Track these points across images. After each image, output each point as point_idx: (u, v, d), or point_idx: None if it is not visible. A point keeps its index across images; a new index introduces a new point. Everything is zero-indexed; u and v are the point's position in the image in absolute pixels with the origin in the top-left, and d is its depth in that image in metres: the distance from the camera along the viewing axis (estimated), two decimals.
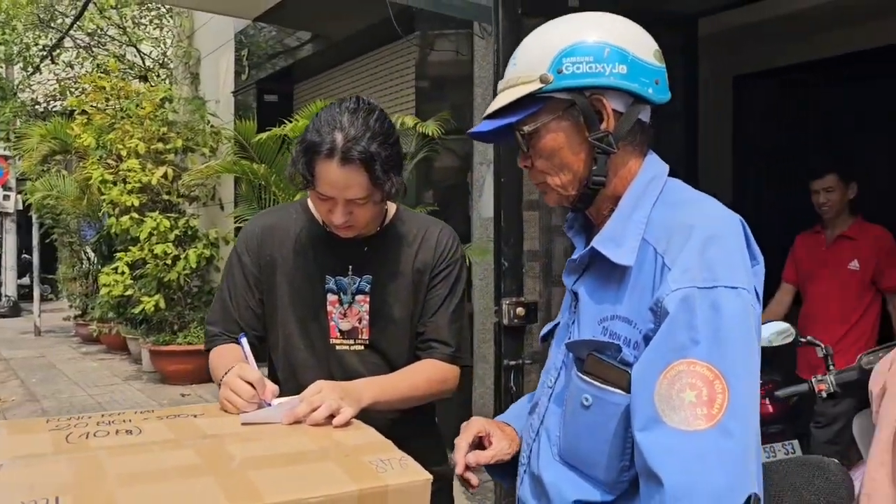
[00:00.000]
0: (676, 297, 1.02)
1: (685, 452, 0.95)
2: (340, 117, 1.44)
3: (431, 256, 1.65)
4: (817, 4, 4.37)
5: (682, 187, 1.19)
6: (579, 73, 1.11)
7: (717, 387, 0.96)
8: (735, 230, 1.08)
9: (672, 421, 0.97)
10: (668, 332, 1.01)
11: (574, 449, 1.15)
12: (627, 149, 1.17)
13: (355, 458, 1.16)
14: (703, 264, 1.03)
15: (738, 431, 0.96)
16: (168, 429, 1.24)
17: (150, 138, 7.28)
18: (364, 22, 5.66)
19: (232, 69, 8.10)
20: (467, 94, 4.76)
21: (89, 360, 8.84)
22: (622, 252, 1.11)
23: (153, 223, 6.87)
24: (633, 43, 1.13)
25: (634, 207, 1.14)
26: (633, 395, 1.03)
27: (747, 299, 1.03)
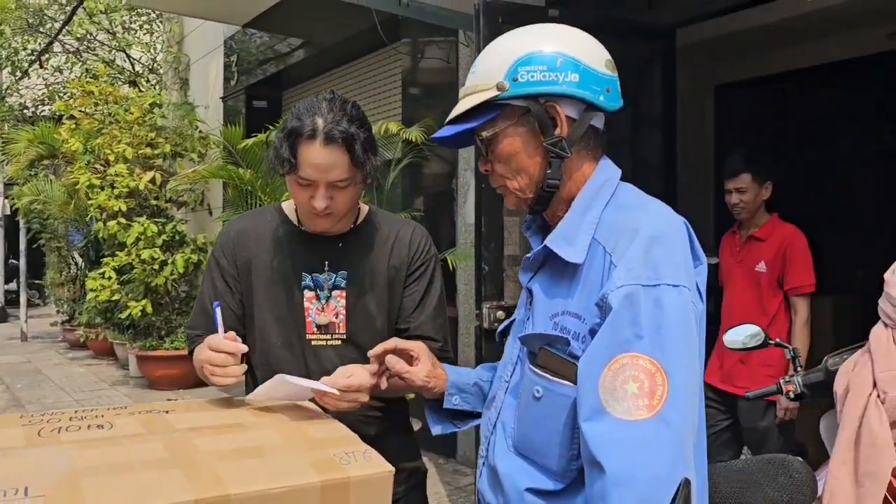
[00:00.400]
0: (620, 294, 1.07)
1: (627, 441, 1.00)
2: (319, 105, 1.53)
3: (406, 255, 1.72)
4: (796, 15, 4.45)
5: (633, 191, 1.25)
6: (533, 81, 1.17)
7: (658, 379, 1.02)
8: (678, 232, 1.14)
9: (615, 411, 1.01)
10: (612, 327, 1.06)
11: (527, 439, 1.20)
12: (581, 153, 1.23)
13: (320, 451, 1.20)
14: (647, 263, 1.08)
15: (676, 421, 1.01)
16: (139, 423, 1.28)
17: (139, 143, 7.29)
18: (351, 29, 5.72)
19: (221, 75, 8.13)
20: (452, 102, 4.76)
21: (76, 366, 8.82)
22: (574, 251, 1.17)
23: (140, 228, 6.88)
24: (586, 53, 1.19)
25: (587, 209, 1.20)
26: (579, 387, 1.08)
27: (688, 297, 1.08)
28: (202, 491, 1.02)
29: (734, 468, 1.95)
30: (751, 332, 2.87)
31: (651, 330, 1.04)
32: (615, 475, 0.99)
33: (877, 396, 2.06)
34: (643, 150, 3.73)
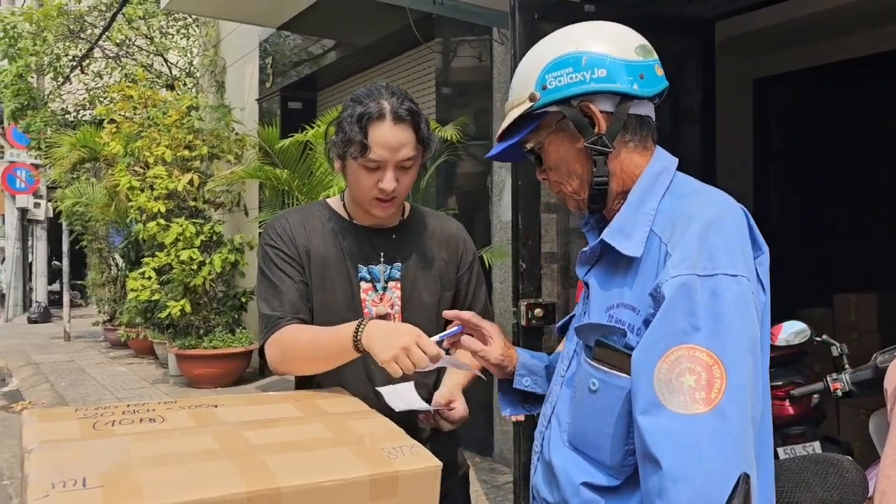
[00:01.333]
0: (675, 284, 1.05)
1: (683, 435, 0.98)
2: (378, 90, 1.60)
3: (456, 249, 1.79)
4: (838, 6, 4.36)
5: (690, 180, 1.23)
6: (562, 86, 1.19)
7: (716, 372, 1.00)
8: (736, 219, 1.12)
9: (671, 405, 1.00)
10: (667, 318, 1.05)
11: (582, 433, 1.19)
12: (629, 145, 1.22)
13: (369, 445, 1.21)
14: (703, 252, 1.06)
15: (734, 415, 0.99)
16: (189, 417, 1.30)
17: (177, 146, 7.40)
18: (385, 29, 5.74)
19: (256, 77, 8.22)
20: (487, 100, 4.80)
21: (117, 365, 9.00)
22: (631, 244, 1.16)
23: (179, 229, 6.98)
24: (611, 45, 1.19)
25: (643, 200, 1.19)
26: (634, 379, 1.07)
27: (747, 287, 1.05)
28: (254, 483, 1.04)
29: (783, 467, 1.92)
30: (795, 330, 2.82)
31: (708, 321, 1.02)
32: (672, 470, 0.97)
33: None
34: (682, 145, 3.69)
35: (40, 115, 11.16)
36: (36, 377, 8.33)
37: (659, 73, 1.22)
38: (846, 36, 5.10)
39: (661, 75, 1.22)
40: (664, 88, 1.23)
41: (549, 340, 3.52)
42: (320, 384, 1.64)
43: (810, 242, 5.67)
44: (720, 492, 0.95)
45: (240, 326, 7.63)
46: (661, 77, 1.22)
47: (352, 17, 6.14)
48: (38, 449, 1.10)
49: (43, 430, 1.19)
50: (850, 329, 4.39)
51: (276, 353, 1.60)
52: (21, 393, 7.78)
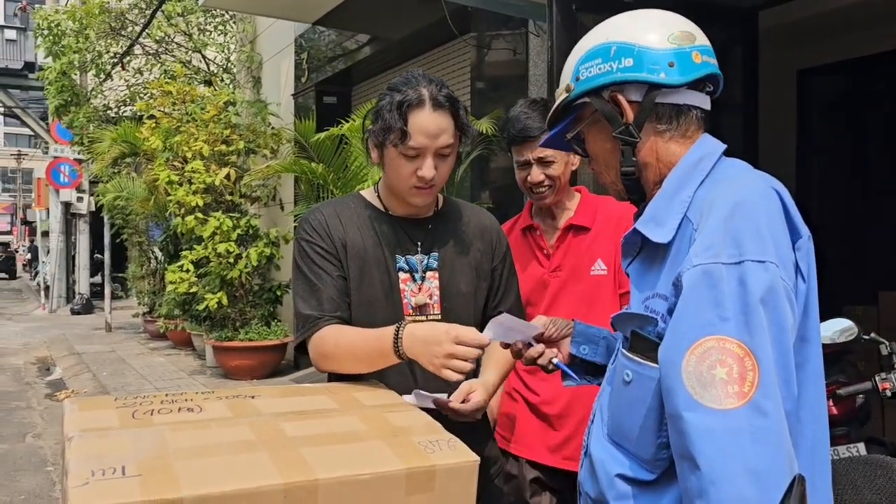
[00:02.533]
0: (697, 272, 1.02)
1: (719, 432, 0.94)
2: (417, 78, 1.60)
3: (490, 241, 1.78)
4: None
5: (735, 165, 1.19)
6: (591, 77, 1.20)
7: (748, 364, 0.96)
8: (766, 200, 1.06)
9: (704, 399, 0.96)
10: (692, 309, 1.01)
11: (618, 425, 1.17)
12: (665, 135, 1.20)
13: (405, 439, 1.20)
14: (727, 237, 1.02)
15: (770, 409, 0.95)
16: (226, 407, 1.30)
17: (214, 141, 7.49)
18: (420, 23, 5.72)
19: (292, 72, 8.27)
20: (522, 93, 4.75)
21: (157, 356, 9.16)
22: (661, 231, 1.14)
23: (216, 223, 7.06)
24: (640, 33, 1.18)
25: (679, 187, 1.16)
26: (662, 374, 1.03)
27: (776, 273, 1.00)
28: (291, 475, 1.03)
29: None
30: (841, 328, 2.74)
31: (737, 311, 0.98)
32: (710, 471, 0.94)
33: None
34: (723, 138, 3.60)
35: (83, 111, 11.40)
36: (78, 367, 8.52)
37: (697, 61, 1.17)
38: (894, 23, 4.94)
39: (702, 62, 1.18)
40: (707, 75, 1.19)
41: None
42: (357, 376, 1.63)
43: (855, 238, 5.52)
44: (764, 493, 0.92)
45: (275, 319, 7.70)
46: (701, 64, 1.18)
47: (386, 11, 6.14)
48: (79, 437, 1.11)
49: (83, 419, 1.21)
50: (882, 326, 4.26)
51: (317, 355, 1.61)
52: (64, 382, 7.97)
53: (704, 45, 1.20)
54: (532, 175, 2.03)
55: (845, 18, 4.83)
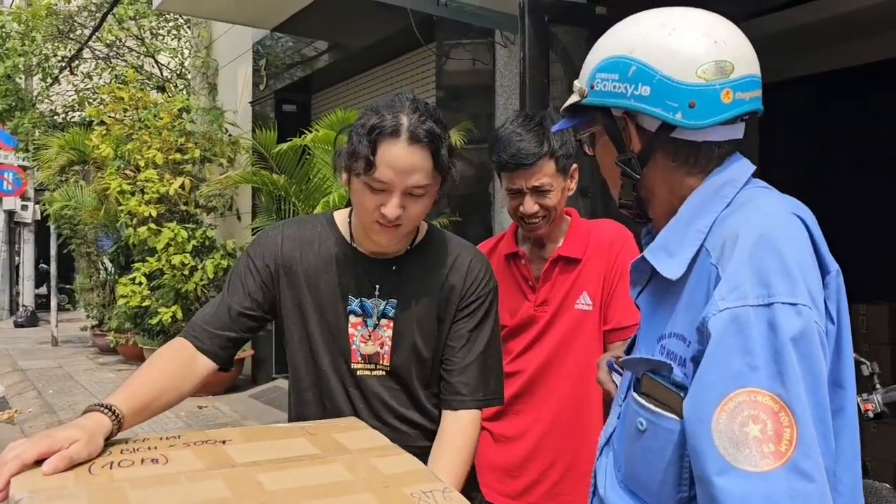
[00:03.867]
0: (724, 318, 0.92)
1: (755, 498, 0.85)
2: (402, 103, 1.39)
3: (461, 287, 1.54)
4: (847, 11, 4.27)
5: (759, 188, 1.07)
6: (605, 92, 1.06)
7: (784, 419, 0.86)
8: (792, 234, 0.96)
9: (736, 461, 0.86)
10: (719, 358, 0.91)
11: (634, 474, 1.08)
12: (680, 170, 1.08)
13: (395, 490, 1.09)
14: (754, 276, 0.92)
15: (812, 470, 0.85)
16: (196, 457, 1.17)
17: (168, 149, 7.28)
18: (384, 31, 5.62)
19: (250, 79, 8.09)
20: (488, 103, 4.70)
21: (106, 371, 8.83)
22: (673, 263, 1.03)
23: (171, 234, 6.86)
24: (666, 58, 1.02)
25: (696, 215, 1.05)
26: (689, 433, 0.93)
27: (810, 316, 0.90)
28: None
29: None
30: None
31: (769, 359, 0.88)
32: None
33: None
34: None
35: (28, 116, 11.02)
36: (23, 384, 8.15)
37: (727, 100, 1.01)
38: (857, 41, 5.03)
39: (734, 101, 1.02)
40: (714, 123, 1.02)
41: None
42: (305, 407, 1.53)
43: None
44: None
45: None
46: (732, 104, 1.02)
47: (349, 19, 6.03)
48: (29, 500, 0.98)
49: (33, 476, 1.06)
50: (862, 341, 4.30)
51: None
52: (7, 401, 7.60)
53: (743, 78, 1.03)
54: (525, 206, 1.81)
55: (805, 36, 4.89)
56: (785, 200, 1.03)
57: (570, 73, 3.44)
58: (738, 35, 1.06)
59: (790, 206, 1.01)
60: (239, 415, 6.47)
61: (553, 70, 3.31)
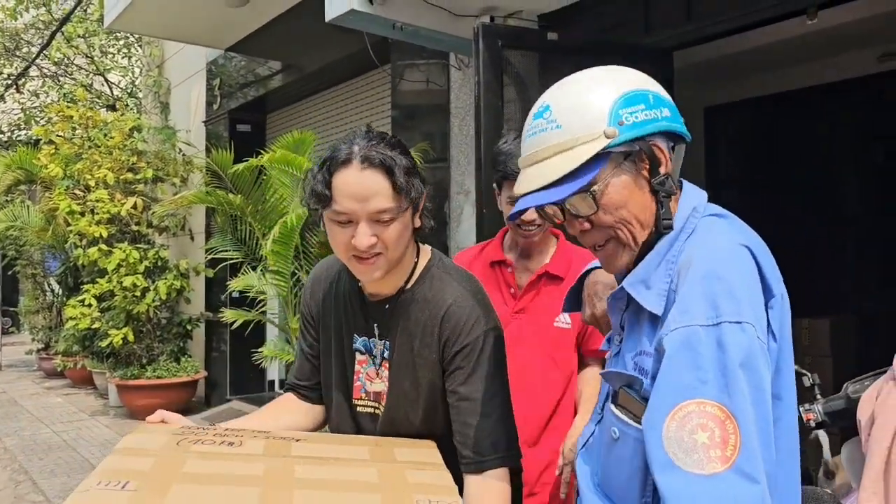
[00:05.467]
0: (676, 337, 1.00)
1: (702, 498, 0.93)
2: (355, 134, 1.40)
3: (450, 338, 1.44)
4: (783, 39, 4.48)
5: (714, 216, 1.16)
6: (639, 122, 1.10)
7: (729, 427, 0.95)
8: (739, 261, 1.05)
9: (686, 465, 0.94)
10: (671, 373, 1.00)
11: (607, 479, 1.16)
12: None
13: (406, 495, 1.15)
14: (704, 300, 1.01)
15: (754, 473, 0.93)
16: (264, 446, 1.31)
17: (119, 168, 7.17)
18: (340, 52, 5.67)
19: (203, 99, 8.03)
20: (444, 124, 4.77)
21: (53, 396, 8.58)
22: (651, 295, 1.11)
23: (122, 254, 6.74)
24: (656, 86, 1.15)
25: (669, 245, 1.13)
26: (646, 439, 1.01)
27: (752, 334, 0.99)
28: None
29: None
30: None
31: (717, 373, 0.97)
32: None
33: None
34: None
35: None
36: None
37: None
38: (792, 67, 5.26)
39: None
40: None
41: None
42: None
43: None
44: None
45: (185, 355, 7.39)
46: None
47: (304, 40, 6.06)
48: (114, 454, 1.22)
49: (133, 440, 1.31)
50: (804, 353, 4.47)
51: None
52: None
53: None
54: (527, 213, 1.81)
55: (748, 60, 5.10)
56: (735, 230, 1.12)
57: (524, 95, 3.52)
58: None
59: (739, 237, 1.10)
60: None
61: (507, 93, 3.39)
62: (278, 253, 4.41)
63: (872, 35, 4.28)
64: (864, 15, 3.91)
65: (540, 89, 1.22)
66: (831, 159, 5.59)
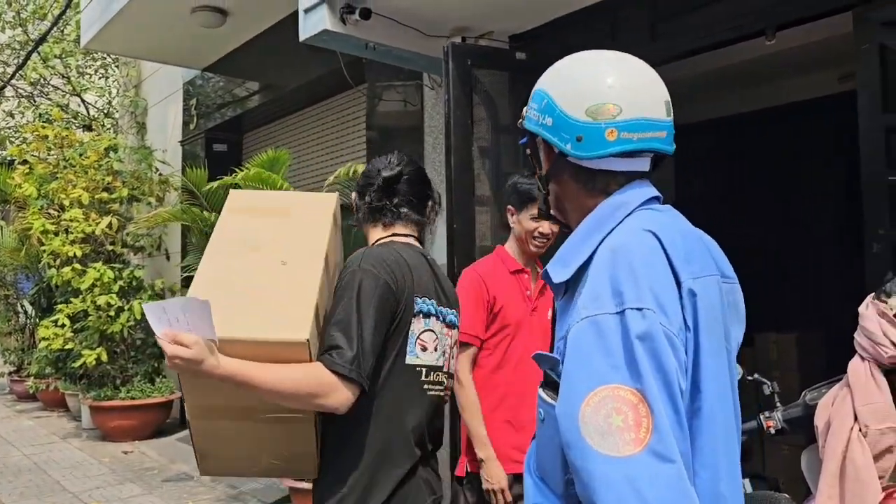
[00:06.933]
0: (584, 325, 1.04)
1: (618, 480, 0.95)
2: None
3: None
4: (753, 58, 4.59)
5: (649, 209, 1.18)
6: (529, 118, 1.24)
7: (642, 410, 0.98)
8: (643, 250, 1.08)
9: (602, 448, 0.97)
10: (581, 360, 1.03)
11: (539, 459, 1.20)
12: (582, 191, 1.22)
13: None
14: (609, 287, 1.04)
15: (667, 453, 0.96)
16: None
17: (95, 188, 7.15)
18: (315, 72, 5.72)
19: (180, 118, 8.05)
20: (417, 143, 4.82)
21: (25, 419, 8.45)
22: (563, 272, 1.16)
23: (96, 274, 6.69)
24: (567, 96, 1.18)
25: (591, 232, 1.17)
26: (561, 429, 1.04)
27: (654, 319, 1.02)
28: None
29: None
30: None
31: (625, 359, 1.00)
32: None
33: (858, 430, 2.08)
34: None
35: None
36: None
37: (610, 138, 1.14)
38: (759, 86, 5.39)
39: (617, 139, 1.14)
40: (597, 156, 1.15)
41: None
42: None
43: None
44: None
45: (160, 375, 7.33)
46: (616, 142, 1.14)
47: (280, 60, 6.11)
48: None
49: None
50: (772, 368, 4.54)
51: None
52: None
53: (630, 121, 1.15)
54: (543, 227, 2.51)
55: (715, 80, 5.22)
56: (651, 219, 1.15)
57: (494, 114, 3.59)
58: (637, 80, 1.19)
59: (650, 224, 1.13)
60: (166, 458, 6.30)
61: (477, 111, 3.46)
62: None
63: (832, 56, 4.41)
64: (822, 37, 4.03)
65: (509, 108, 1.35)
66: (796, 177, 5.72)
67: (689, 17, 3.44)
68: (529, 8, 3.79)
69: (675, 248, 1.09)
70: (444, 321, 1.80)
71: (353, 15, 3.69)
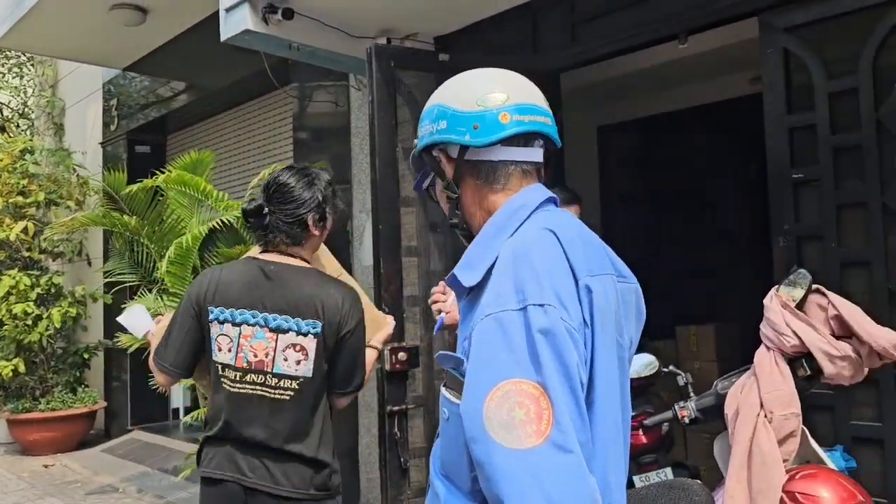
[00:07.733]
0: (488, 322, 1.07)
1: (520, 471, 0.98)
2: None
3: None
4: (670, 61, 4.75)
5: (547, 215, 1.23)
6: (422, 136, 1.31)
7: (543, 403, 1.01)
8: (543, 248, 1.12)
9: (505, 441, 1.00)
10: (486, 356, 1.06)
11: (445, 460, 1.21)
12: (485, 187, 1.27)
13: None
14: (511, 285, 1.08)
15: (567, 444, 1.00)
16: None
17: (9, 192, 6.87)
18: (240, 73, 5.64)
19: (100, 119, 7.80)
20: (345, 144, 4.81)
21: None
22: (472, 275, 1.18)
23: (11, 281, 6.44)
24: (454, 98, 1.28)
25: (495, 235, 1.21)
26: (465, 425, 1.06)
27: (555, 314, 1.05)
28: None
29: (639, 496, 2.00)
30: (644, 362, 2.99)
31: (527, 354, 1.03)
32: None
33: (764, 416, 2.18)
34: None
35: None
36: None
37: (504, 121, 1.22)
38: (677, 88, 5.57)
39: (511, 122, 1.22)
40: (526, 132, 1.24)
41: (414, 384, 3.52)
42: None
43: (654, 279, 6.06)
44: None
45: (82, 385, 7.09)
46: (509, 124, 1.22)
47: (204, 60, 5.99)
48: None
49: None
50: (693, 359, 4.71)
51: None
52: None
53: (518, 105, 1.24)
54: None
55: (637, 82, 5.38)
56: (547, 219, 1.20)
57: (418, 115, 3.61)
58: (518, 78, 1.32)
59: (548, 223, 1.18)
60: (90, 471, 6.10)
61: (401, 113, 3.47)
62: (175, 274, 4.32)
63: (742, 60, 4.60)
64: (733, 40, 4.20)
65: None
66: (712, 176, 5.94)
67: (606, 20, 3.54)
68: (452, 10, 3.82)
69: (573, 247, 1.14)
70: (266, 326, 2.08)
71: (276, 15, 3.65)
